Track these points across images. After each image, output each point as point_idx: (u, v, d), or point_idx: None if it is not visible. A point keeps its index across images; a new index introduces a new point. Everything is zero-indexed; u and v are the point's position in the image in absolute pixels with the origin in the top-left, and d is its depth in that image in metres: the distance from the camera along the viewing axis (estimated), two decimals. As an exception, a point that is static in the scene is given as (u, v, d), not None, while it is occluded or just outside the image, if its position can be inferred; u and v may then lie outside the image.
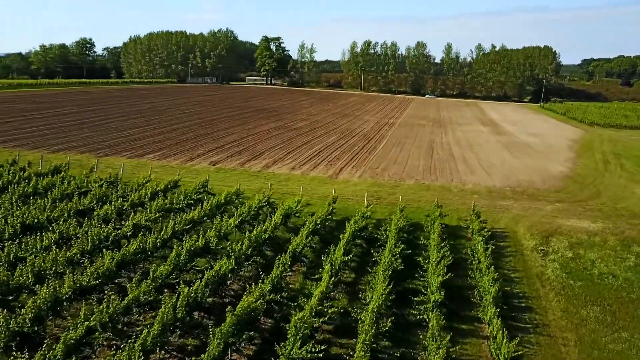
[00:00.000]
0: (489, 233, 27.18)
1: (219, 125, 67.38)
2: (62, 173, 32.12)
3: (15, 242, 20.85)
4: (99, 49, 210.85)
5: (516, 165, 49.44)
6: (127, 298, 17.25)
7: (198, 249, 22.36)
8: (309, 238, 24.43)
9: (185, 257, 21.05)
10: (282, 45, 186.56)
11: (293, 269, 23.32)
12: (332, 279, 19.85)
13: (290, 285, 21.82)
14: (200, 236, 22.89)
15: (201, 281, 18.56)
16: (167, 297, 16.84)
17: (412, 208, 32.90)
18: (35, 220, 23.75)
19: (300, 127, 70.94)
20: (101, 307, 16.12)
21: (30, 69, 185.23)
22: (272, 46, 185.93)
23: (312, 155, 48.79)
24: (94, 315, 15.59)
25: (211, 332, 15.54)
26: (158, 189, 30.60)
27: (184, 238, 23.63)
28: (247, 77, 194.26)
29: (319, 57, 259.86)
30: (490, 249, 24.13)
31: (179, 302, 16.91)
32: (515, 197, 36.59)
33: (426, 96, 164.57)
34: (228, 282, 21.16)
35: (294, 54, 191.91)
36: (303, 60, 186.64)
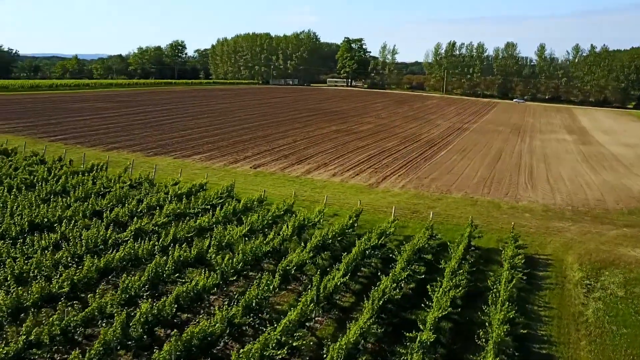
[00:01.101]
0: (524, 260, 23.59)
1: (280, 127, 67.09)
2: (94, 172, 32.79)
3: (8, 242, 20.99)
4: (190, 51, 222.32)
5: (590, 181, 43.82)
6: (87, 309, 16.50)
7: (190, 259, 21.34)
8: (311, 253, 22.53)
9: (170, 268, 20.08)
10: (363, 46, 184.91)
11: (289, 287, 21.60)
12: (313, 304, 17.87)
13: (278, 307, 20.08)
14: (194, 245, 21.88)
15: (167, 297, 17.44)
16: (116, 315, 15.80)
17: (449, 225, 29.84)
18: (45, 220, 24.03)
19: (362, 130, 68.81)
20: (51, 319, 15.45)
21: (128, 70, 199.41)
22: (354, 47, 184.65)
23: (361, 162, 46.57)
24: (36, 329, 14.89)
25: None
26: (180, 192, 30.19)
27: (182, 246, 22.72)
28: (328, 79, 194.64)
29: (407, 58, 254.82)
30: (515, 280, 20.77)
31: (134, 319, 15.87)
32: (574, 219, 32.02)
33: (514, 100, 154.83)
34: (211, 299, 19.89)
35: (378, 56, 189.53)
36: (385, 61, 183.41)
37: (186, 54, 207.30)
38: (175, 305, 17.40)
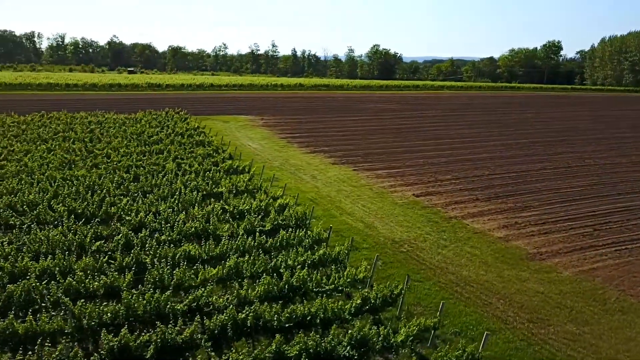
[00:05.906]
0: None
1: (557, 148, 51.85)
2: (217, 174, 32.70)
3: (36, 227, 22.51)
4: (571, 53, 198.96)
5: None
6: None
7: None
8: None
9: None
10: None
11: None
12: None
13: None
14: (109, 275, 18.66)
15: None
16: None
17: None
18: (88, 213, 25.08)
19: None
20: None
21: (496, 72, 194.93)
22: None
23: (582, 216, 30.18)
24: None
25: None
26: (244, 207, 26.62)
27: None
28: None
29: None
30: None
31: None
32: None
33: None
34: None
35: None
36: None
37: (561, 55, 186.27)
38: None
